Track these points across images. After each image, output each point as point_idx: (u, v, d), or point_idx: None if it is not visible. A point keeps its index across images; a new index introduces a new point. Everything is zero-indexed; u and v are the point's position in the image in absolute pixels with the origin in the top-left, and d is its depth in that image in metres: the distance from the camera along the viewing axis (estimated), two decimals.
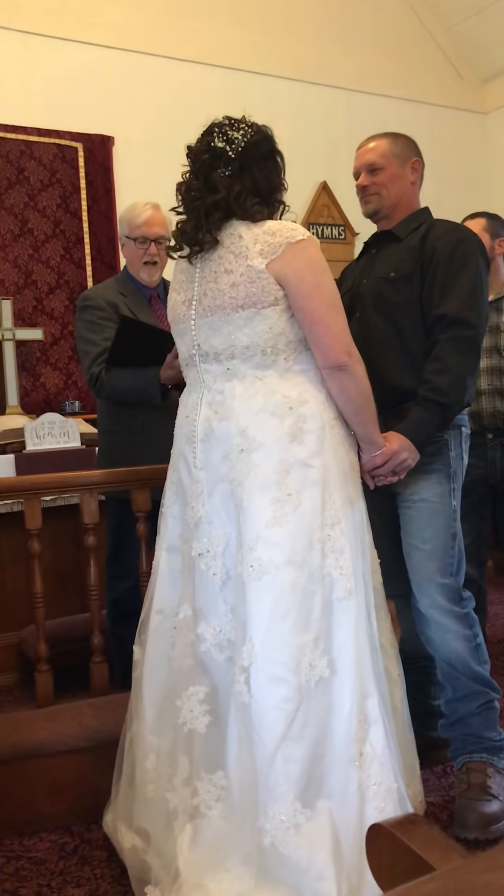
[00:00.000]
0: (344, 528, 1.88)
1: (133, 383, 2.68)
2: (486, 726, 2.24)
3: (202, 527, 1.91)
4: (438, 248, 2.20)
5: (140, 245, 2.85)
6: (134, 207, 2.89)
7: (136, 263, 2.89)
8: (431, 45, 5.95)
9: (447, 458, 2.23)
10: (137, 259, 2.88)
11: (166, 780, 1.90)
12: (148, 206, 2.86)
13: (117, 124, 4.94)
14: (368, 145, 2.35)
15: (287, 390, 1.89)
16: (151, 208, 2.85)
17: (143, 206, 2.86)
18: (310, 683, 1.77)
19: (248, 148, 1.91)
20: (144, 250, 2.85)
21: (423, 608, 2.23)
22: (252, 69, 5.21)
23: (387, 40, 5.73)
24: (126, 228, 2.89)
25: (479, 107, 6.17)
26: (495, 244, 3.16)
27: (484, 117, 6.18)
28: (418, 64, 5.88)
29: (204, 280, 1.93)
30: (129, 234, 2.87)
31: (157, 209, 2.84)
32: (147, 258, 2.86)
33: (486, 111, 6.16)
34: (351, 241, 5.41)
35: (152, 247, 2.84)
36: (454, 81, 6.07)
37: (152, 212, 2.84)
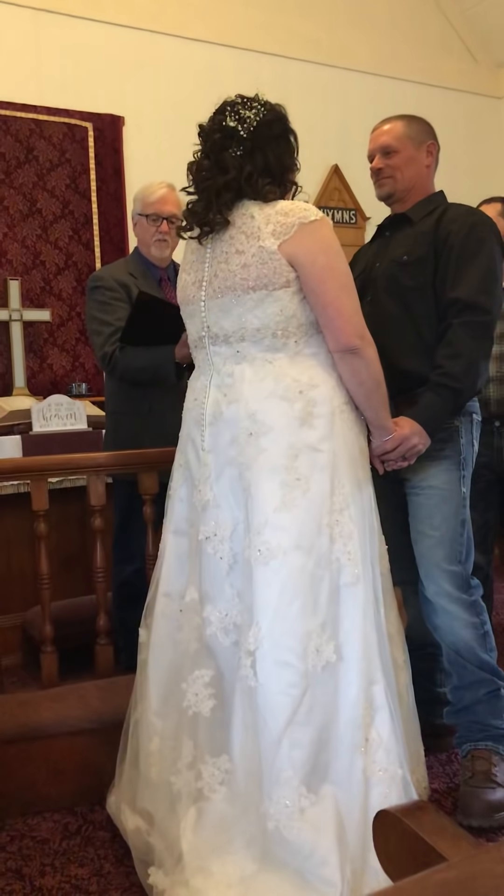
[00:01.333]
0: (352, 514, 1.87)
1: (148, 362, 2.67)
2: (492, 714, 2.23)
3: (209, 510, 1.89)
4: (453, 231, 2.18)
5: (152, 222, 2.86)
6: (149, 186, 2.91)
7: (147, 240, 2.90)
8: (447, 29, 5.88)
9: (458, 445, 2.21)
10: (149, 236, 2.88)
11: (170, 763, 1.89)
12: (163, 185, 2.88)
13: (128, 104, 4.90)
14: (384, 127, 2.32)
15: (297, 374, 1.88)
16: (166, 187, 2.87)
17: (159, 185, 2.89)
18: (316, 668, 1.76)
19: (261, 127, 1.88)
20: (157, 227, 2.86)
21: (431, 595, 2.22)
22: (264, 50, 5.16)
23: (402, 23, 5.67)
24: (140, 206, 2.90)
25: (494, 91, 6.10)
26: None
27: (499, 102, 6.12)
28: (433, 47, 5.82)
29: (215, 261, 1.91)
30: (142, 212, 2.88)
31: (171, 189, 2.85)
32: (158, 236, 2.86)
33: (500, 96, 6.10)
34: (362, 226, 5.37)
35: (164, 224, 2.85)
36: (469, 65, 6.01)
37: (167, 190, 2.86)
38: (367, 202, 5.09)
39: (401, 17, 5.66)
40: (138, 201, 2.92)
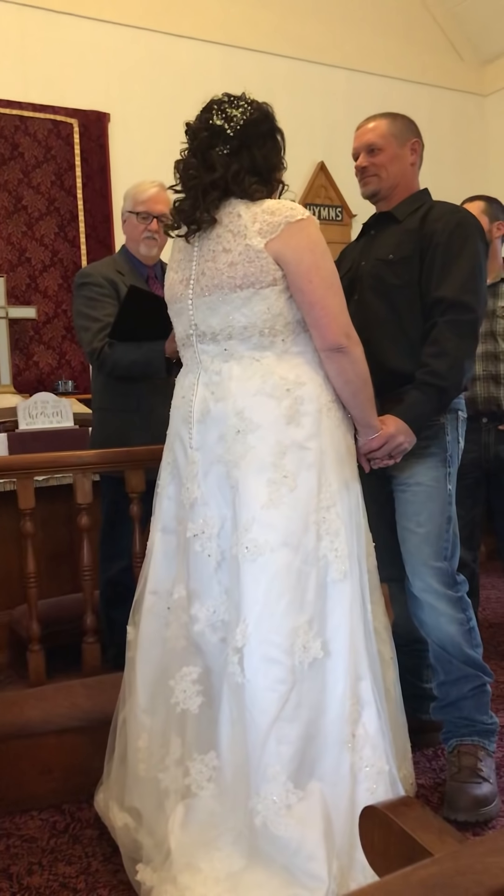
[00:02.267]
0: (339, 511, 1.88)
1: (138, 357, 2.67)
2: (477, 709, 2.25)
3: (197, 508, 1.90)
4: (438, 230, 2.19)
5: (142, 220, 2.87)
6: (141, 184, 2.92)
7: (136, 238, 2.90)
8: (432, 26, 5.90)
9: (443, 442, 2.22)
10: (138, 233, 2.89)
11: (158, 760, 1.90)
12: (155, 184, 2.89)
13: (113, 101, 4.89)
14: (368, 126, 2.33)
15: (285, 372, 1.88)
16: (158, 186, 2.88)
17: (150, 183, 2.90)
18: (303, 665, 1.77)
19: (248, 126, 1.88)
20: (146, 225, 2.86)
21: (417, 591, 2.23)
22: (251, 46, 5.15)
23: (388, 20, 5.68)
24: (130, 203, 2.90)
25: (478, 89, 6.12)
26: (493, 227, 3.15)
27: (483, 99, 6.14)
28: (419, 45, 5.83)
29: (202, 259, 1.91)
30: (132, 209, 2.89)
31: (162, 188, 2.86)
32: (147, 234, 2.87)
33: (485, 93, 6.12)
34: (348, 223, 5.38)
35: (154, 222, 2.85)
36: (454, 63, 6.02)
37: (158, 189, 2.87)
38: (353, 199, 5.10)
39: (387, 15, 5.67)
40: (129, 199, 2.92)
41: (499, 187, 5.67)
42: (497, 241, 3.18)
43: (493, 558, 4.42)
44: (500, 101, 6.05)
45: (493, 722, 2.28)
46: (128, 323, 2.63)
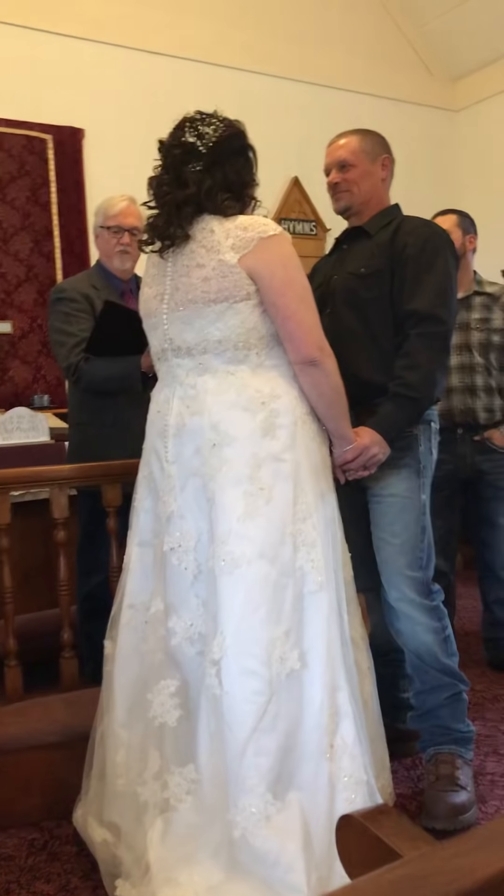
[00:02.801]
0: (315, 522, 1.90)
1: (114, 371, 2.68)
2: (454, 718, 2.27)
3: (174, 521, 1.91)
4: (409, 244, 2.22)
5: (114, 234, 2.88)
6: (111, 198, 2.94)
7: (109, 252, 2.92)
8: (403, 44, 5.98)
9: (417, 453, 2.25)
10: (111, 248, 2.90)
11: (137, 774, 1.90)
12: (124, 198, 2.91)
13: (87, 116, 4.90)
14: (339, 142, 2.36)
15: (259, 385, 1.90)
16: (127, 200, 2.90)
17: (120, 198, 2.92)
18: (281, 676, 1.78)
19: (220, 143, 1.91)
20: (118, 239, 2.88)
21: (393, 601, 2.25)
22: (224, 63, 5.19)
23: (359, 38, 5.75)
24: (101, 218, 2.92)
25: (449, 104, 6.21)
26: (466, 241, 3.19)
27: (454, 115, 6.23)
28: (390, 61, 5.91)
29: (176, 274, 1.93)
30: (103, 224, 2.91)
31: (132, 201, 2.88)
32: (120, 247, 2.88)
33: (456, 109, 6.21)
34: (322, 237, 5.42)
35: (126, 236, 2.87)
36: (425, 79, 6.10)
37: (128, 203, 2.89)
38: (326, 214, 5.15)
39: (358, 33, 5.74)
40: (100, 214, 2.94)
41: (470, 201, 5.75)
42: (469, 254, 3.22)
43: (469, 567, 4.46)
44: (470, 117, 6.14)
45: (469, 730, 2.30)
46: (103, 338, 2.64)
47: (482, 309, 3.16)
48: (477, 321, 3.14)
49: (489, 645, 3.34)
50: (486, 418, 3.13)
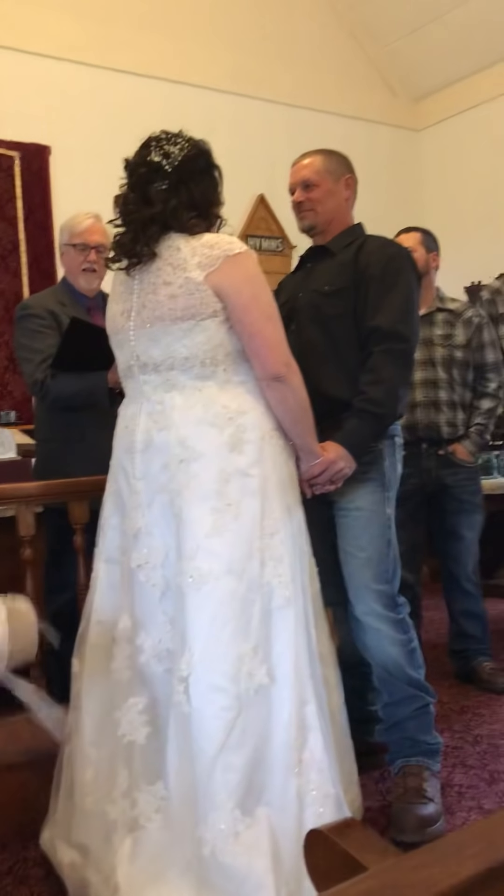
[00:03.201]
0: (283, 537, 1.91)
1: (80, 387, 2.67)
2: (421, 730, 2.28)
3: (141, 538, 1.91)
4: (372, 263, 2.26)
5: (80, 252, 2.88)
6: (76, 216, 2.94)
7: (74, 270, 2.92)
8: (367, 64, 6.06)
9: (382, 467, 2.27)
10: (76, 266, 2.90)
11: (105, 793, 1.88)
12: (89, 216, 2.91)
13: (54, 134, 4.90)
14: (303, 162, 2.40)
15: (227, 401, 1.91)
16: (92, 218, 2.91)
17: (85, 215, 2.91)
18: (249, 692, 1.78)
19: (185, 162, 1.93)
20: (84, 257, 2.88)
21: (360, 614, 2.26)
22: (191, 82, 5.23)
23: (324, 58, 5.82)
24: (66, 236, 2.92)
25: (412, 124, 6.30)
26: (429, 258, 3.24)
27: (417, 134, 6.32)
28: (354, 81, 5.99)
29: (143, 291, 1.94)
30: (69, 241, 2.91)
31: (97, 219, 2.88)
32: (86, 265, 2.89)
33: (419, 129, 6.30)
34: (288, 254, 5.47)
35: (92, 254, 2.87)
36: (389, 99, 6.20)
37: (93, 220, 2.89)
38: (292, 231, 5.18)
39: (323, 52, 5.82)
40: (65, 231, 2.94)
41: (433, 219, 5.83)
42: (432, 271, 3.27)
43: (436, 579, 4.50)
44: (433, 136, 6.24)
45: (436, 742, 2.31)
46: (70, 354, 2.63)
47: (445, 325, 3.21)
48: (440, 337, 3.19)
49: (455, 656, 3.37)
50: (449, 433, 3.17)
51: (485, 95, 5.80)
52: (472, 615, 3.31)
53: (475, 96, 5.85)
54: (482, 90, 5.79)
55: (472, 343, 3.20)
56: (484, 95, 5.80)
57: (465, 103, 5.94)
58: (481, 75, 5.78)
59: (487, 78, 5.75)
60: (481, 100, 5.82)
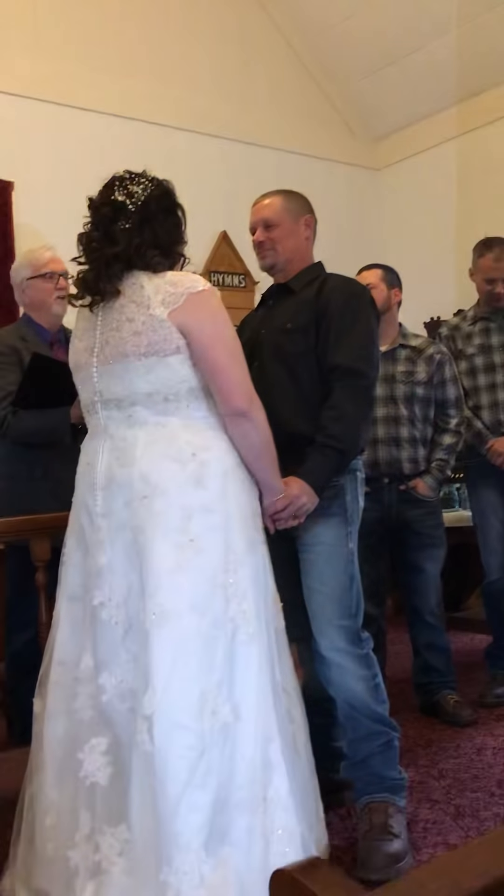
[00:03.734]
0: (246, 573, 1.91)
1: (42, 423, 2.66)
2: (386, 765, 2.28)
3: (104, 575, 1.89)
4: (332, 301, 2.29)
5: (49, 280, 2.89)
6: (33, 251, 2.96)
7: (47, 300, 2.92)
8: (326, 105, 6.19)
9: (344, 502, 2.29)
10: (49, 295, 2.91)
11: (67, 837, 1.84)
12: (46, 247, 2.98)
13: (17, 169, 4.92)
14: (263, 202, 2.44)
15: (189, 436, 1.92)
16: (50, 249, 2.94)
17: (43, 248, 2.96)
18: (213, 730, 1.77)
19: (149, 202, 1.95)
20: (55, 284, 2.89)
21: (323, 650, 2.26)
22: (152, 120, 5.29)
23: (284, 98, 5.94)
24: (29, 270, 2.93)
25: (371, 163, 6.43)
26: (391, 294, 3.29)
27: (376, 173, 6.45)
28: (314, 121, 6.11)
29: (106, 328, 1.95)
30: (34, 274, 2.91)
31: (54, 250, 2.93)
32: (59, 292, 2.90)
33: (378, 167, 6.43)
34: (251, 289, 5.52)
35: (61, 280, 2.88)
36: (348, 139, 6.32)
37: (52, 252, 2.93)
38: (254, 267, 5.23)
39: (283, 93, 5.93)
40: (26, 266, 2.94)
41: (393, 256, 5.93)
42: (394, 307, 3.33)
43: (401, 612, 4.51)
44: (391, 176, 6.38)
45: (401, 777, 2.31)
46: (31, 390, 2.63)
47: (407, 362, 3.25)
48: (402, 374, 3.23)
49: (420, 690, 3.38)
50: (410, 468, 3.21)
51: (441, 137, 5.95)
52: (435, 648, 3.32)
53: (432, 137, 6.00)
54: (439, 132, 5.95)
55: (434, 380, 3.25)
56: (440, 137, 5.95)
57: (423, 144, 6.08)
58: (438, 117, 5.93)
59: (444, 120, 5.91)
60: (438, 141, 5.97)
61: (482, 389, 3.45)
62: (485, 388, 3.45)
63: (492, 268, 3.38)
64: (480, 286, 3.46)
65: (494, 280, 3.38)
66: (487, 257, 3.39)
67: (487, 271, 3.39)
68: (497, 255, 3.37)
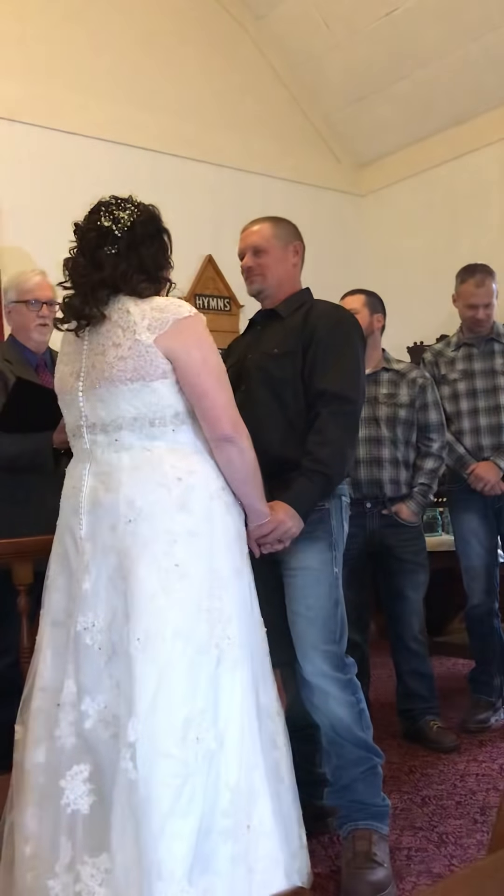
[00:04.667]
0: (231, 598, 1.90)
1: (24, 447, 2.65)
2: (369, 792, 2.26)
3: (88, 600, 1.88)
4: (319, 326, 2.31)
5: (32, 307, 2.89)
6: (22, 274, 2.96)
7: (28, 326, 2.92)
8: (311, 132, 6.26)
9: (329, 527, 2.29)
10: (30, 322, 2.91)
11: (47, 867, 1.82)
12: (36, 272, 2.94)
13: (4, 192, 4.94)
14: (252, 228, 2.46)
15: (175, 461, 1.92)
16: (39, 274, 2.93)
17: (32, 273, 2.94)
18: (197, 757, 1.76)
19: (135, 227, 1.96)
20: (37, 312, 2.89)
21: (308, 675, 2.26)
22: (139, 145, 5.32)
23: (270, 125, 6.00)
24: (14, 294, 2.93)
25: (355, 189, 6.49)
26: (374, 319, 3.33)
27: (360, 199, 6.51)
28: (299, 148, 6.17)
29: (92, 353, 1.95)
30: (18, 299, 2.91)
31: (44, 275, 2.92)
32: (39, 320, 2.90)
33: (362, 194, 6.50)
34: (236, 313, 5.54)
35: (44, 308, 2.89)
36: (332, 165, 6.39)
37: (41, 277, 2.93)
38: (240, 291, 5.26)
39: (269, 120, 5.99)
40: (12, 289, 2.95)
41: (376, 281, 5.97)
42: (377, 332, 3.36)
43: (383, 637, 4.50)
44: (375, 202, 6.45)
45: (385, 804, 2.29)
46: (14, 414, 2.62)
47: (390, 384, 3.28)
48: (384, 396, 3.26)
49: (403, 716, 3.37)
50: (392, 489, 3.22)
51: (424, 164, 6.02)
52: (418, 674, 3.32)
53: (416, 164, 6.07)
54: (423, 159, 6.02)
55: (416, 403, 3.28)
56: (423, 164, 6.03)
57: (406, 171, 6.16)
58: (422, 145, 6.01)
59: (427, 148, 5.98)
60: (422, 168, 6.05)
61: (464, 414, 3.47)
62: (467, 413, 3.47)
63: (473, 293, 3.42)
64: (463, 312, 3.49)
65: (476, 306, 3.42)
66: (469, 283, 3.43)
67: (469, 297, 3.43)
68: (478, 282, 3.41)
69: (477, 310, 3.42)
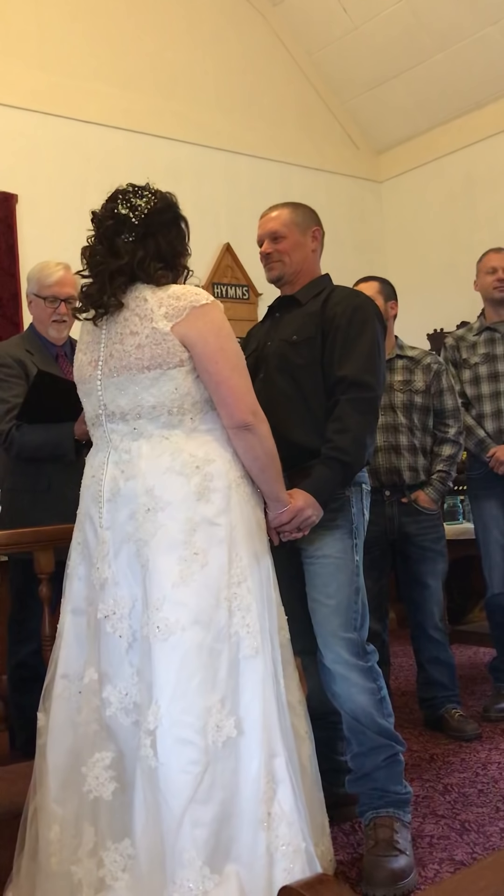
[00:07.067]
0: (251, 586, 1.90)
1: (46, 438, 2.66)
2: (391, 780, 2.26)
3: (108, 588, 1.89)
4: (338, 313, 2.29)
5: (50, 304, 2.88)
6: (45, 267, 2.92)
7: (45, 321, 2.91)
8: (329, 118, 6.22)
9: (349, 515, 2.28)
10: (47, 317, 2.90)
11: (71, 852, 1.83)
12: (60, 267, 2.89)
13: (21, 182, 4.95)
14: (271, 214, 2.44)
15: (194, 449, 1.92)
16: (63, 269, 2.88)
17: (55, 266, 2.90)
18: (217, 744, 1.76)
19: (152, 215, 1.95)
20: (54, 309, 2.88)
21: (328, 663, 2.25)
22: (156, 133, 5.31)
23: (288, 112, 5.97)
24: (36, 287, 2.91)
25: (374, 176, 6.46)
26: (387, 307, 3.30)
27: (378, 186, 6.47)
28: (317, 134, 6.14)
29: (110, 341, 1.95)
30: (38, 293, 2.89)
31: (67, 269, 2.87)
32: (56, 317, 2.89)
33: (380, 180, 6.46)
34: (254, 301, 5.53)
35: (62, 306, 2.87)
36: (350, 152, 6.35)
37: (63, 272, 2.88)
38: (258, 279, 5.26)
39: (287, 107, 5.97)
40: (34, 282, 2.93)
41: (394, 268, 5.96)
42: (391, 319, 3.34)
43: (402, 626, 4.50)
44: (393, 188, 6.40)
45: (406, 792, 2.29)
46: (36, 405, 2.63)
47: (404, 371, 3.26)
48: (400, 383, 3.24)
49: (424, 704, 3.36)
50: (410, 477, 3.20)
51: (443, 150, 5.98)
52: (439, 662, 3.30)
53: (434, 150, 6.03)
54: (441, 144, 5.98)
55: (432, 389, 3.26)
56: (442, 150, 5.98)
57: (425, 157, 6.11)
58: (439, 130, 5.96)
59: (445, 133, 5.93)
60: (440, 154, 6.00)
61: (485, 398, 3.46)
62: (488, 396, 3.46)
63: (494, 258, 3.50)
64: (483, 281, 3.52)
65: (496, 268, 3.45)
66: (490, 254, 3.54)
67: (490, 261, 3.50)
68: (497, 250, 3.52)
69: (497, 272, 3.43)
